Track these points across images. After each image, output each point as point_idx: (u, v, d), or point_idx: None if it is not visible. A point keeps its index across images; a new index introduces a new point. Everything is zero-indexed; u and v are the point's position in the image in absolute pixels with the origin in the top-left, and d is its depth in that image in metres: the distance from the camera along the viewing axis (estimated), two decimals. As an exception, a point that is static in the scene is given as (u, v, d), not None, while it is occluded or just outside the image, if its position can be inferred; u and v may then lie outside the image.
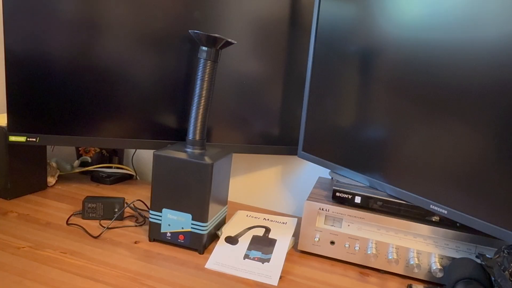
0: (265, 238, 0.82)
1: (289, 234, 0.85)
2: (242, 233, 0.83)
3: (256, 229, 0.85)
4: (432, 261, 0.73)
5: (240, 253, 0.77)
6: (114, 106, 0.92)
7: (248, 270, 0.73)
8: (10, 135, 0.87)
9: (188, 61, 0.94)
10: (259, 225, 0.87)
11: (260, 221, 0.89)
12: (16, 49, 0.84)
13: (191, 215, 0.77)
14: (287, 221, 0.89)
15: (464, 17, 0.65)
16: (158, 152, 0.77)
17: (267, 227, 0.85)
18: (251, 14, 0.96)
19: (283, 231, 0.85)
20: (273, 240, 0.82)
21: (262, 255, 0.77)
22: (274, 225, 0.87)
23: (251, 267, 0.73)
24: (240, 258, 0.76)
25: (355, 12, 0.84)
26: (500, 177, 0.62)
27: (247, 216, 0.91)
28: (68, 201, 0.95)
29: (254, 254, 0.76)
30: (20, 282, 0.63)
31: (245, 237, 0.82)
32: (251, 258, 0.75)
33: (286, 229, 0.86)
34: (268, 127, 1.03)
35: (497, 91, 0.61)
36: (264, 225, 0.87)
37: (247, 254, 0.77)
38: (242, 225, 0.86)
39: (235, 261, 0.74)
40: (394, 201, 0.76)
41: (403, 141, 0.75)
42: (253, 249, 0.78)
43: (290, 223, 0.88)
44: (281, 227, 0.87)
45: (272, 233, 0.84)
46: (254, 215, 0.92)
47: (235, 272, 0.72)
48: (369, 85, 0.81)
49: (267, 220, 0.89)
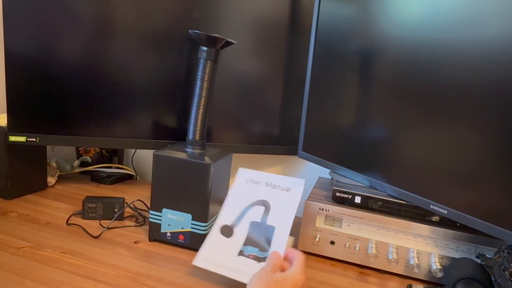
0: (263, 225, 0.73)
1: (292, 211, 0.73)
2: (239, 219, 0.75)
3: (255, 209, 0.75)
4: (432, 261, 0.72)
5: (235, 248, 0.70)
6: (114, 106, 0.92)
7: (241, 270, 0.67)
8: (10, 135, 0.87)
9: (188, 61, 0.94)
10: (259, 201, 0.76)
11: (260, 190, 0.78)
12: (16, 49, 0.84)
13: (191, 215, 0.77)
14: (292, 186, 0.76)
15: (464, 17, 0.65)
16: (158, 152, 0.77)
17: (267, 204, 0.75)
18: (251, 14, 0.96)
19: (285, 205, 0.74)
20: (271, 228, 0.72)
21: (258, 252, 0.70)
22: (276, 195, 0.76)
23: (245, 267, 0.67)
24: (234, 255, 0.69)
25: (355, 12, 0.84)
26: (500, 177, 0.62)
27: (247, 182, 0.78)
28: (68, 201, 0.95)
29: (250, 251, 0.70)
30: (20, 282, 0.63)
31: (242, 226, 0.73)
32: (246, 256, 0.69)
33: (289, 203, 0.74)
34: (268, 127, 1.03)
35: (497, 91, 0.61)
36: (264, 198, 0.76)
37: (242, 250, 0.70)
38: (241, 200, 0.76)
39: (228, 259, 0.69)
40: (394, 201, 0.76)
41: (403, 141, 0.75)
42: (249, 245, 0.71)
43: (294, 189, 0.75)
44: (284, 198, 0.75)
45: (272, 213, 0.74)
46: (255, 178, 0.78)
47: (226, 272, 0.66)
48: (369, 85, 0.81)
49: (268, 186, 0.77)
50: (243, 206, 0.75)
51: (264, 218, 0.73)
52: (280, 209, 0.73)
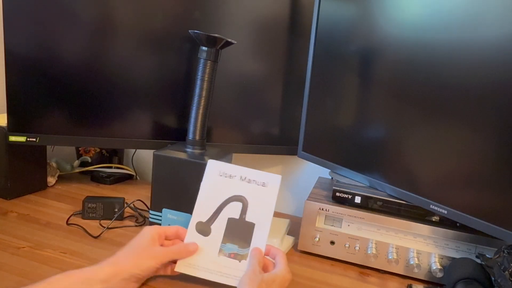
0: (241, 222, 0.69)
1: (270, 207, 0.69)
2: (214, 217, 0.69)
3: (231, 205, 0.71)
4: (432, 261, 0.72)
5: (214, 247, 0.67)
6: (114, 106, 0.92)
7: (223, 272, 0.64)
8: (10, 135, 0.87)
9: (188, 61, 0.94)
10: (235, 196, 0.71)
11: (235, 185, 0.72)
12: (16, 49, 0.84)
13: (191, 215, 0.76)
14: (267, 181, 0.71)
15: (464, 17, 0.65)
16: (158, 152, 0.77)
17: (244, 200, 0.71)
18: (251, 14, 0.96)
19: (263, 201, 0.70)
20: (251, 225, 0.68)
21: (238, 249, 0.66)
22: (252, 190, 0.71)
23: (226, 268, 0.65)
24: (213, 254, 0.66)
25: (355, 12, 0.84)
26: (500, 177, 0.62)
27: (220, 176, 0.72)
28: (68, 201, 0.95)
29: (230, 249, 0.66)
30: (20, 282, 0.62)
31: (219, 223, 0.69)
32: (226, 255, 0.66)
33: (266, 198, 0.70)
34: (268, 127, 1.03)
35: (497, 91, 0.61)
36: (240, 193, 0.71)
37: (222, 248, 0.66)
38: (215, 195, 0.71)
39: (208, 260, 0.65)
40: (394, 201, 0.76)
41: (403, 141, 0.75)
42: (228, 242, 0.67)
43: (271, 185, 0.70)
44: (261, 193, 0.71)
45: (250, 209, 0.70)
46: (228, 171, 0.73)
47: (208, 275, 0.64)
48: (369, 85, 0.81)
49: (243, 181, 0.72)
50: (218, 202, 0.70)
51: (242, 215, 0.69)
52: (258, 205, 0.69)
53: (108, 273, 0.57)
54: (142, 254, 0.61)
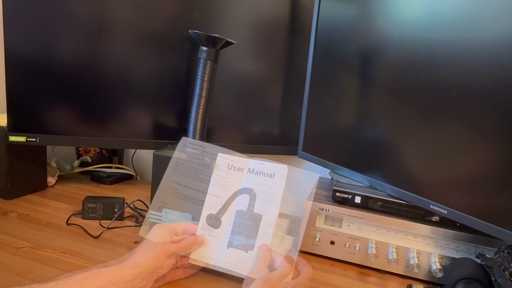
0: (249, 213, 0.71)
1: (277, 198, 0.71)
2: (224, 209, 0.72)
3: (240, 198, 0.73)
4: (432, 261, 0.72)
5: (224, 239, 0.69)
6: (114, 106, 0.92)
7: (231, 262, 0.66)
8: (10, 135, 0.87)
9: (188, 61, 0.94)
10: (244, 189, 0.73)
11: (244, 177, 0.74)
12: (16, 49, 0.84)
13: (191, 215, 0.76)
14: (275, 171, 0.73)
15: (464, 17, 0.65)
16: (158, 152, 0.77)
17: (252, 193, 0.72)
18: (251, 14, 0.96)
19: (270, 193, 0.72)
20: (258, 216, 0.70)
21: (246, 240, 0.68)
22: (260, 182, 0.73)
23: (234, 259, 0.67)
24: (223, 246, 0.69)
25: (355, 12, 0.84)
26: (500, 177, 0.62)
27: (228, 169, 0.74)
28: (68, 201, 0.95)
29: (238, 240, 0.69)
30: (20, 282, 0.62)
31: (228, 215, 0.71)
32: (234, 246, 0.68)
33: (274, 190, 0.72)
34: (268, 127, 1.03)
35: (497, 91, 0.61)
36: (249, 186, 0.73)
37: (231, 240, 0.69)
38: (224, 188, 0.73)
39: (218, 252, 0.68)
40: (394, 201, 0.76)
41: (403, 141, 0.75)
42: (237, 233, 0.69)
43: (278, 175, 0.72)
44: (268, 185, 0.72)
45: (258, 201, 0.71)
46: (237, 164, 0.75)
47: (219, 265, 0.67)
48: (369, 85, 0.81)
49: (252, 173, 0.74)
50: (227, 195, 0.73)
51: (250, 207, 0.71)
52: (266, 197, 0.72)
53: (132, 274, 0.59)
54: (160, 253, 0.62)
